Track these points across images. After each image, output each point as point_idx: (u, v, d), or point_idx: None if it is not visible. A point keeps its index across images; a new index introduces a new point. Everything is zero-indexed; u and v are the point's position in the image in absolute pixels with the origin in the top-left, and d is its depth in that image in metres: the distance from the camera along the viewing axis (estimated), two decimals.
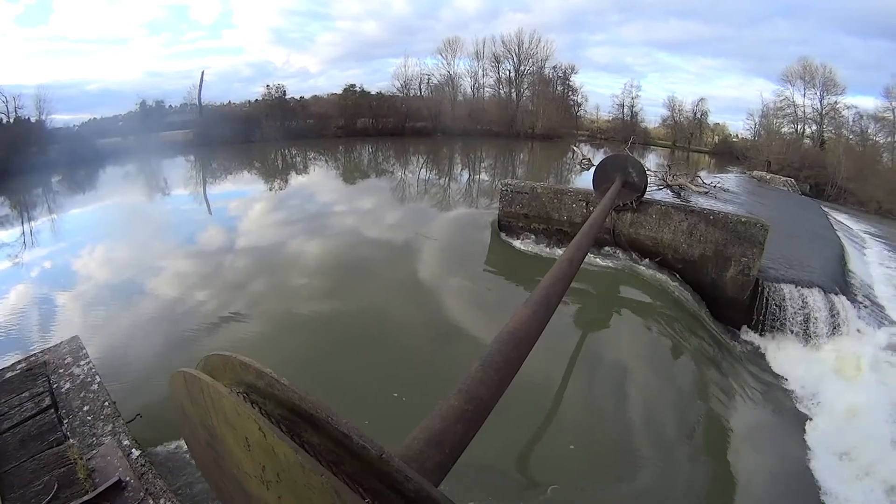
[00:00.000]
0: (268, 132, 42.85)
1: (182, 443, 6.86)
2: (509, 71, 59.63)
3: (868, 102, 48.35)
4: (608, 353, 11.90)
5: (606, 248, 16.94)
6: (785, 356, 14.53)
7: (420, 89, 56.08)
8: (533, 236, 17.77)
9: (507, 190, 18.07)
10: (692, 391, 11.24)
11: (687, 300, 15.19)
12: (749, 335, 15.27)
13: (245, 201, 23.53)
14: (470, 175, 37.76)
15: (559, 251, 15.63)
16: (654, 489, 8.51)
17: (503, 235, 17.96)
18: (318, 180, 30.83)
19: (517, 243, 17.58)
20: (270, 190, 27.06)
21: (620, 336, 12.82)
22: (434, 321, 12.11)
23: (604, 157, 17.23)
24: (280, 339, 10.87)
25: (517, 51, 59.24)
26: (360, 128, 49.89)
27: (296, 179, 31.06)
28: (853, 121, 50.17)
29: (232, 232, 18.19)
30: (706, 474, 9.28)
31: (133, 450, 5.13)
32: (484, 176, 36.80)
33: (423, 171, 37.45)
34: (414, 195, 27.67)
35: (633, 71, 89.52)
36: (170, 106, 42.93)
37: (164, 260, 14.80)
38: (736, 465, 9.67)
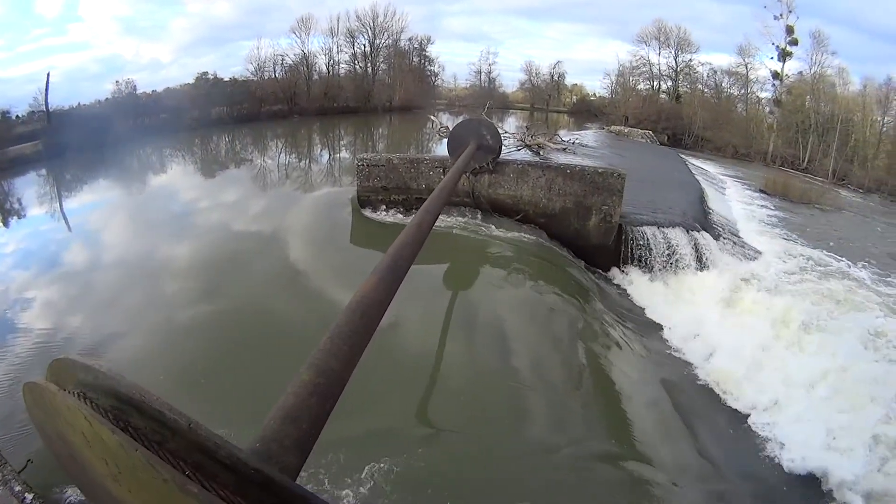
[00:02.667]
0: (120, 133, 39.55)
1: None
2: (364, 45, 58.85)
3: (722, 59, 52.44)
4: (483, 311, 12.19)
5: (468, 210, 17.20)
6: (653, 293, 15.56)
7: (274, 71, 54.36)
8: (393, 208, 17.76)
9: (363, 164, 17.91)
10: (572, 336, 11.72)
11: (552, 251, 15.83)
12: (618, 277, 16.30)
13: (106, 211, 22.40)
14: (330, 154, 37.70)
15: None
16: (552, 427, 9.00)
17: (364, 211, 17.86)
18: (177, 178, 29.80)
19: (378, 216, 17.57)
20: (129, 195, 25.86)
21: (493, 293, 13.18)
22: (313, 305, 12.04)
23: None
24: (165, 351, 10.37)
25: (372, 25, 58.58)
26: (215, 117, 47.65)
27: (155, 180, 29.88)
28: (708, 76, 54.35)
29: (96, 246, 17.26)
30: (599, 411, 9.90)
31: (26, 494, 5.10)
32: (344, 154, 36.80)
33: (283, 155, 37.07)
34: (276, 181, 27.40)
35: (491, 39, 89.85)
36: (17, 116, 39.16)
37: (30, 290, 13.70)
38: (624, 398, 10.35)
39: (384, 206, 17.86)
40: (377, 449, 7.77)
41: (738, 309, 14.52)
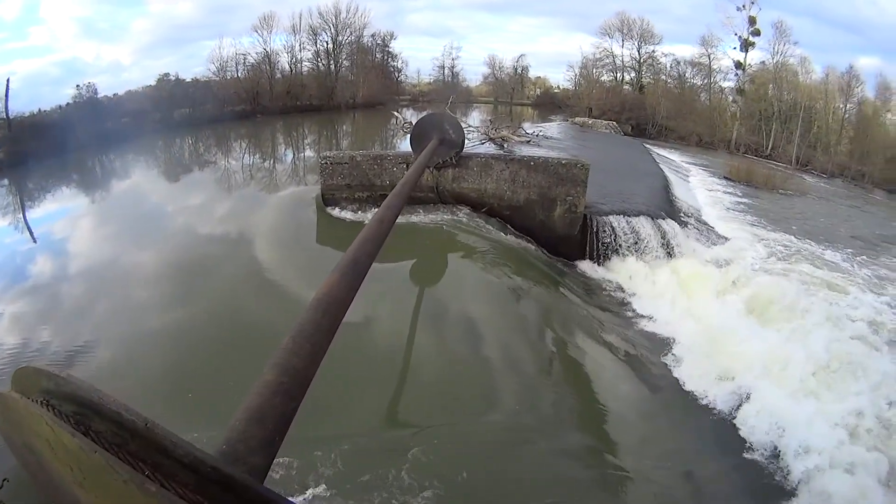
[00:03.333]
0: (83, 139, 37.72)
1: None
2: (327, 43, 58.34)
3: (686, 50, 53.76)
4: (453, 303, 12.29)
5: (433, 206, 17.21)
6: (621, 281, 15.63)
7: (237, 71, 53.51)
8: (357, 205, 17.62)
9: (326, 162, 17.77)
10: (540, 325, 11.90)
11: (518, 242, 16.02)
12: (585, 266, 16.28)
13: (71, 220, 21.65)
14: (294, 154, 37.53)
15: None
16: (524, 413, 9.11)
17: (329, 209, 17.73)
18: (141, 183, 29.05)
19: (343, 214, 17.42)
20: (94, 202, 25.30)
21: (462, 285, 13.30)
22: (287, 306, 11.60)
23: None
24: (139, 359, 10.08)
25: (335, 21, 58.05)
26: (178, 119, 46.50)
27: (118, 186, 29.09)
28: (671, 66, 55.29)
29: (62, 256, 16.60)
30: (571, 395, 10.02)
31: None
32: (309, 153, 36.56)
33: (247, 156, 36.78)
34: (240, 182, 27.18)
35: (455, 33, 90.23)
36: None
37: None
38: (594, 385, 10.55)
39: (349, 204, 17.75)
40: (355, 447, 7.76)
41: (710, 293, 14.57)
